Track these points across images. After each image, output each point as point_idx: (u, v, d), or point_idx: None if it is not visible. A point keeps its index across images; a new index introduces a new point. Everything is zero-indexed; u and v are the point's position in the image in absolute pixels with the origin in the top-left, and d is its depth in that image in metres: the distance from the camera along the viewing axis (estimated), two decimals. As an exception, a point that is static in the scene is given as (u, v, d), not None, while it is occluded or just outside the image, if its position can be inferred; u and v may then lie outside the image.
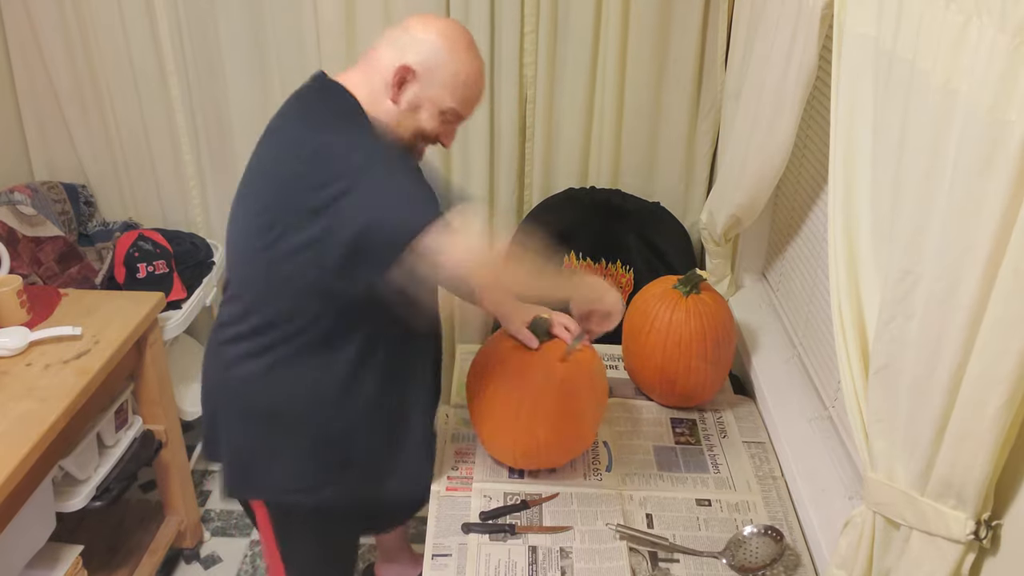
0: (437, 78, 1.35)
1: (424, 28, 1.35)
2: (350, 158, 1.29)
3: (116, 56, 2.35)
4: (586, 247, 2.32)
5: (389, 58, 1.35)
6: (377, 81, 1.37)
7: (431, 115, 1.38)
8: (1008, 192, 0.80)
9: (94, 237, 2.48)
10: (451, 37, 1.35)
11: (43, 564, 1.81)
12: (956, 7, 0.89)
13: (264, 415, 1.49)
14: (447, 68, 1.35)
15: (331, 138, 1.31)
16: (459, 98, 1.38)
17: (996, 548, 0.98)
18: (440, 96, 1.36)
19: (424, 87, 1.36)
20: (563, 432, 1.61)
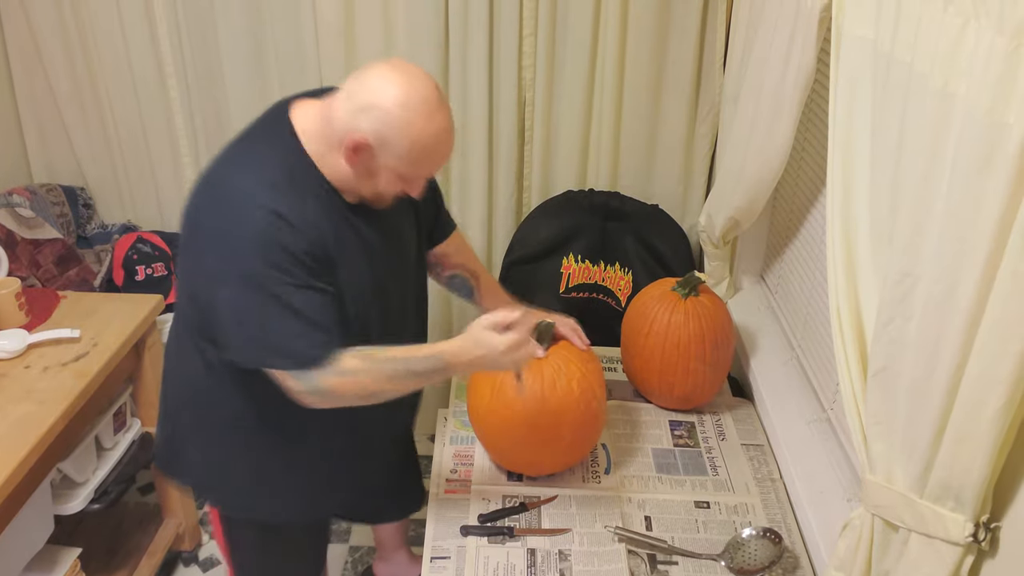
0: (393, 150, 1.25)
1: (381, 91, 1.22)
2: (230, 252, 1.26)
3: (115, 59, 2.35)
4: (584, 249, 2.32)
5: (344, 118, 1.25)
6: (331, 137, 1.28)
7: (389, 180, 1.31)
8: (1006, 194, 0.81)
9: (93, 239, 2.48)
10: (409, 105, 1.22)
11: (41, 567, 1.81)
12: (954, 9, 0.89)
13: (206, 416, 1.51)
14: (403, 140, 1.24)
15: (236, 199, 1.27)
16: (417, 165, 1.29)
17: (995, 550, 0.98)
18: (397, 165, 1.27)
19: (380, 157, 1.26)
20: (562, 441, 1.61)
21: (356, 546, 2.37)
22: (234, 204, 1.28)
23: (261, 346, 1.30)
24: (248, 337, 1.29)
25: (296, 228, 1.26)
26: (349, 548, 2.37)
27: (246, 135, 1.38)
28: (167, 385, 1.56)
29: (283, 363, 1.29)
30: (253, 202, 1.26)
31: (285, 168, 1.29)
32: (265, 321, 1.27)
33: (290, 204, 1.26)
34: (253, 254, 1.25)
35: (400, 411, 1.67)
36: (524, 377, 1.56)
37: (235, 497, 1.57)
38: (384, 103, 1.22)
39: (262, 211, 1.25)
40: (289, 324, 1.27)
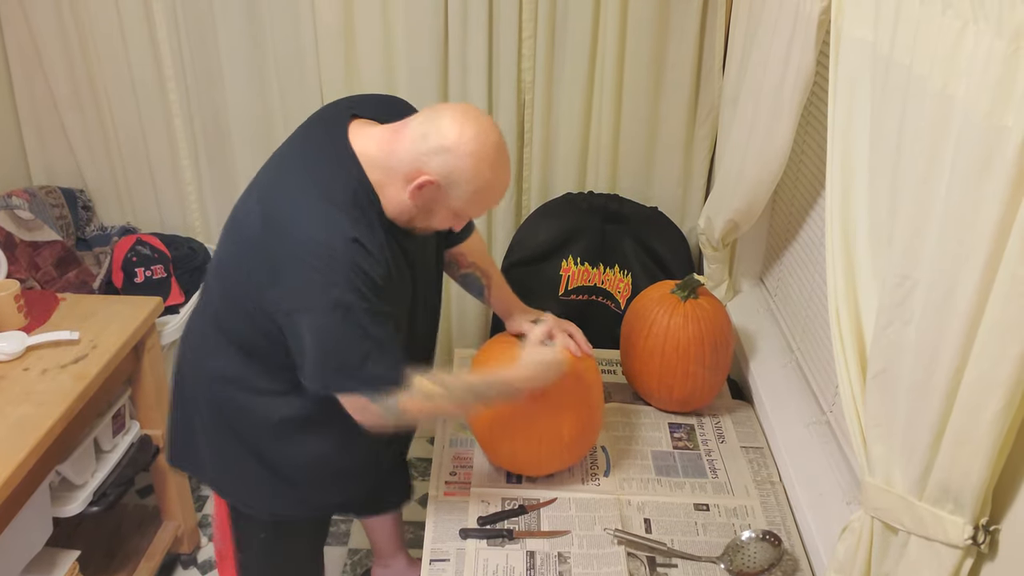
0: (457, 192, 1.31)
1: (457, 136, 1.27)
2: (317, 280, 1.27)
3: (114, 61, 2.35)
4: (584, 252, 2.32)
5: (413, 156, 1.29)
6: (396, 170, 1.31)
7: (444, 217, 1.37)
8: (1005, 196, 0.81)
9: (92, 242, 2.48)
10: (481, 152, 1.28)
11: (40, 569, 1.81)
12: (953, 12, 0.89)
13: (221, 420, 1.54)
14: (470, 184, 1.30)
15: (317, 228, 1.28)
16: (477, 206, 1.36)
17: (994, 553, 0.98)
18: (458, 205, 1.34)
19: (443, 197, 1.32)
20: (562, 440, 1.61)
21: (355, 548, 2.37)
22: (315, 229, 1.28)
23: (346, 374, 1.33)
24: (334, 364, 1.32)
25: (372, 255, 1.29)
26: (348, 551, 2.37)
27: (306, 150, 1.39)
28: (183, 380, 1.58)
29: (367, 389, 1.33)
30: (335, 228, 1.28)
31: (351, 192, 1.32)
32: (351, 349, 1.30)
33: (364, 231, 1.30)
34: (340, 282, 1.26)
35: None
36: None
37: (248, 493, 1.60)
38: (457, 149, 1.27)
39: (344, 238, 1.27)
40: (372, 351, 1.31)
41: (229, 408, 1.50)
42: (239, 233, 1.39)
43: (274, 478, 1.55)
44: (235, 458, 1.55)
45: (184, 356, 1.58)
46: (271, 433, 1.49)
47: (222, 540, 1.71)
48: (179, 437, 1.63)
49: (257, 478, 1.56)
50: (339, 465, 1.58)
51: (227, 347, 1.45)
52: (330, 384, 1.35)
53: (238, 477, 1.58)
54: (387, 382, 1.32)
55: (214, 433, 1.55)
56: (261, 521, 1.65)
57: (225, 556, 1.73)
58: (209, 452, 1.58)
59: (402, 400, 1.33)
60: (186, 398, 1.58)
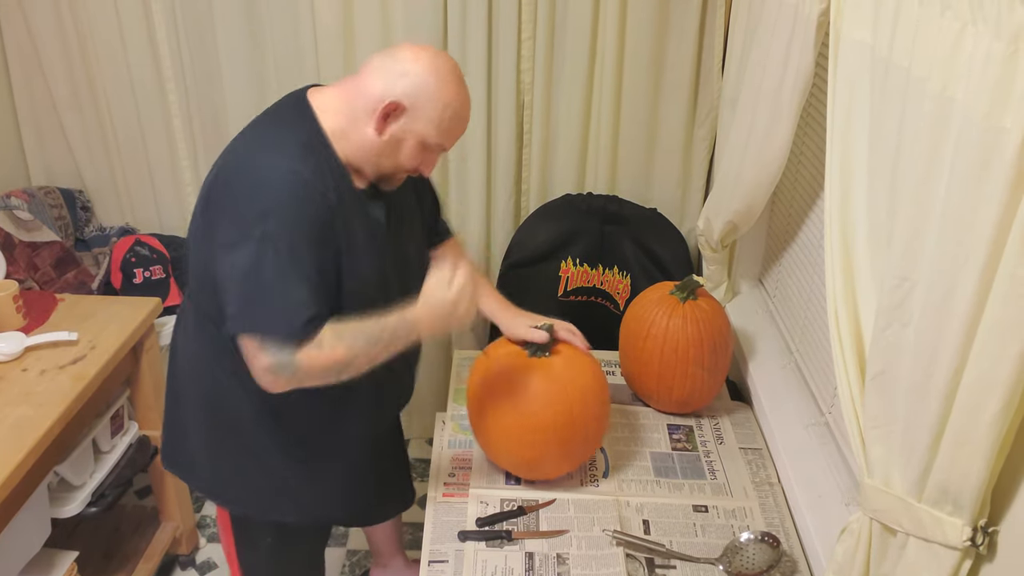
0: (424, 113, 1.31)
1: (414, 60, 1.31)
2: (252, 212, 1.27)
3: (113, 61, 2.35)
4: (583, 253, 2.32)
5: (376, 88, 1.31)
6: (360, 108, 1.33)
7: (413, 149, 1.35)
8: (1004, 198, 0.81)
9: (91, 242, 2.48)
10: (440, 71, 1.31)
11: (38, 570, 1.81)
12: (952, 14, 0.89)
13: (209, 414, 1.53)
14: (435, 103, 1.31)
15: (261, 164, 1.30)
16: (444, 132, 1.35)
17: (993, 554, 0.98)
18: (425, 130, 1.33)
19: (410, 121, 1.32)
20: (564, 445, 1.61)
21: (354, 550, 2.37)
22: (260, 171, 1.30)
23: (253, 307, 1.29)
24: (246, 297, 1.29)
25: (315, 191, 1.29)
26: (347, 552, 2.37)
27: (264, 116, 1.41)
28: (175, 385, 1.58)
29: (267, 329, 1.28)
30: (281, 167, 1.29)
31: (303, 139, 1.33)
32: (267, 282, 1.27)
33: (311, 171, 1.30)
34: (277, 214, 1.26)
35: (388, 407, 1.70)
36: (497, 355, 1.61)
37: (247, 498, 1.59)
38: (418, 70, 1.30)
39: (290, 174, 1.28)
40: (291, 291, 1.28)
41: (214, 397, 1.49)
42: (200, 195, 1.39)
43: (271, 482, 1.55)
44: (230, 459, 1.54)
45: (173, 349, 1.58)
46: (256, 421, 1.47)
47: (226, 544, 1.71)
48: (174, 440, 1.63)
49: (254, 483, 1.55)
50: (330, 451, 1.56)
51: (203, 326, 1.45)
52: (240, 318, 1.30)
53: (235, 483, 1.57)
54: (290, 324, 1.28)
55: (207, 432, 1.54)
56: (263, 527, 1.64)
57: (232, 559, 1.73)
58: (205, 455, 1.57)
59: (298, 353, 1.28)
60: (178, 394, 1.57)
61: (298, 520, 1.62)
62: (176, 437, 1.61)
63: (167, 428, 1.63)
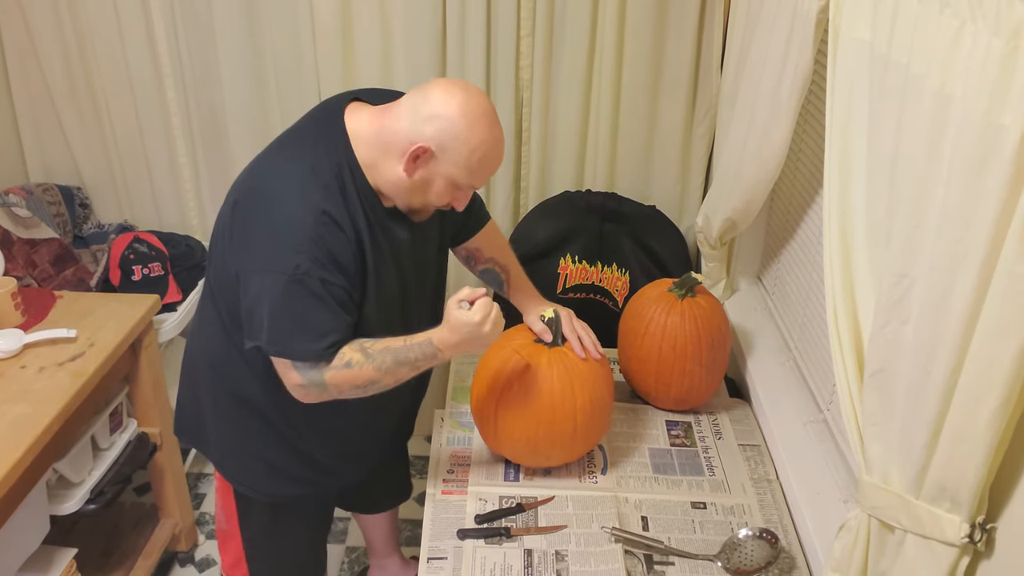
0: (452, 157, 1.32)
1: (445, 102, 1.30)
2: (280, 245, 1.32)
3: (112, 58, 2.34)
4: (582, 250, 2.32)
5: (407, 127, 1.32)
6: (391, 145, 1.34)
7: (443, 188, 1.37)
8: (1003, 196, 0.81)
9: (89, 239, 2.47)
10: (470, 114, 1.30)
11: (37, 567, 1.81)
12: (951, 12, 0.89)
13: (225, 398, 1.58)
14: (464, 146, 1.31)
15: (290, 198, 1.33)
16: (473, 173, 1.35)
17: (991, 551, 0.98)
18: (455, 173, 1.34)
19: (439, 164, 1.33)
20: (570, 431, 1.61)
21: (353, 547, 2.37)
22: (287, 199, 1.33)
23: (283, 335, 1.35)
24: (276, 324, 1.34)
25: (343, 232, 1.33)
26: (346, 549, 2.37)
27: (300, 130, 1.44)
28: (188, 360, 1.64)
29: (298, 355, 1.36)
30: (308, 200, 1.32)
31: (334, 167, 1.35)
32: (296, 313, 1.33)
33: (338, 207, 1.33)
34: (304, 250, 1.31)
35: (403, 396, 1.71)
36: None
37: (247, 473, 1.62)
38: (448, 113, 1.30)
39: (314, 211, 1.31)
40: (318, 320, 1.34)
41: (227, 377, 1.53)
42: (229, 200, 1.43)
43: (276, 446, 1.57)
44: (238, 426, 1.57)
45: (189, 342, 1.63)
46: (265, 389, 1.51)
47: (227, 519, 1.72)
48: (187, 411, 1.67)
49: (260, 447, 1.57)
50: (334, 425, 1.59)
51: (219, 312, 1.49)
52: (270, 342, 1.36)
53: (242, 450, 1.60)
54: (320, 350, 1.35)
55: (215, 407, 1.58)
56: (264, 503, 1.66)
57: (229, 535, 1.74)
58: (214, 425, 1.60)
59: (327, 372, 1.36)
60: (192, 370, 1.62)
61: (300, 490, 1.65)
62: (190, 410, 1.66)
63: (181, 401, 1.69)
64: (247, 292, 1.36)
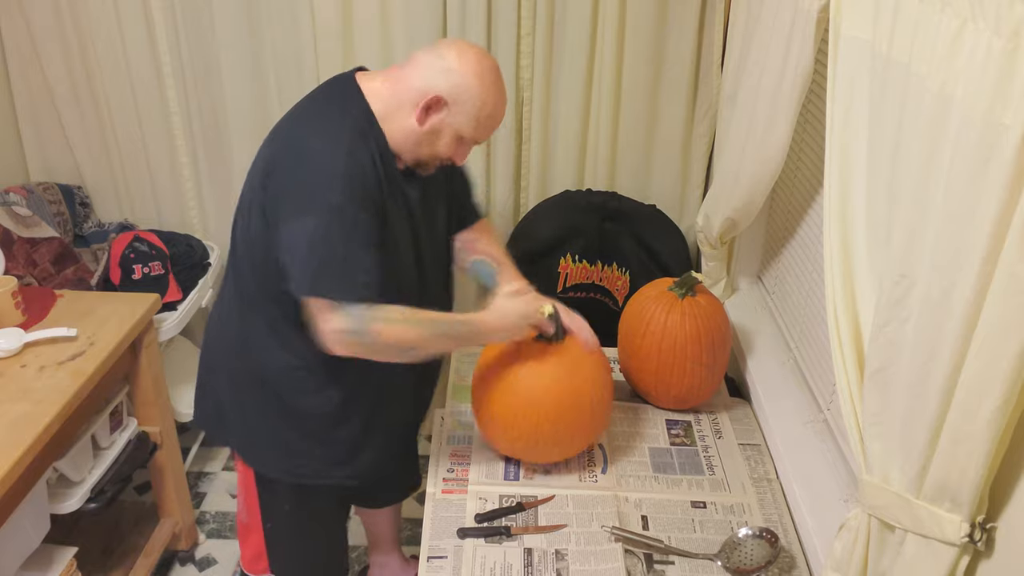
0: (463, 109, 1.40)
1: (459, 58, 1.39)
2: (315, 186, 1.36)
3: (112, 57, 2.34)
4: (582, 249, 2.32)
5: (420, 80, 1.40)
6: (404, 99, 1.41)
7: (449, 140, 1.44)
8: (1003, 195, 0.81)
9: (90, 238, 2.47)
10: (483, 71, 1.40)
11: (37, 566, 1.81)
12: (951, 11, 0.89)
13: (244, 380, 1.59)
14: (475, 100, 1.40)
15: (317, 146, 1.39)
16: (480, 127, 1.44)
17: (991, 551, 0.98)
18: (463, 125, 1.42)
19: (450, 115, 1.41)
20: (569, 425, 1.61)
21: (355, 545, 2.37)
22: (315, 149, 1.39)
23: (326, 271, 1.36)
24: (317, 261, 1.36)
25: (373, 173, 1.39)
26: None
27: (312, 102, 1.49)
28: (207, 349, 1.66)
29: (341, 292, 1.36)
30: (334, 148, 1.38)
31: (352, 119, 1.41)
32: (337, 248, 1.36)
33: (363, 152, 1.39)
34: (338, 188, 1.35)
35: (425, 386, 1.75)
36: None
37: (268, 453, 1.63)
38: (462, 68, 1.39)
39: (344, 154, 1.37)
40: (358, 256, 1.37)
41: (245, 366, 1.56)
42: (252, 170, 1.47)
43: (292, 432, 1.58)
44: (256, 411, 1.58)
45: (208, 331, 1.65)
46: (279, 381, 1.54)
47: (248, 512, 1.72)
48: (207, 400, 1.68)
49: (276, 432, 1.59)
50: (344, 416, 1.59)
51: (238, 296, 1.53)
52: (312, 282, 1.37)
53: (260, 435, 1.61)
54: (362, 293, 1.36)
55: (236, 391, 1.60)
56: (285, 490, 1.66)
57: (251, 528, 1.73)
58: (232, 411, 1.62)
59: (372, 319, 1.37)
60: (211, 361, 1.64)
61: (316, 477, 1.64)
62: (210, 399, 1.66)
63: (200, 390, 1.69)
64: (284, 240, 1.38)
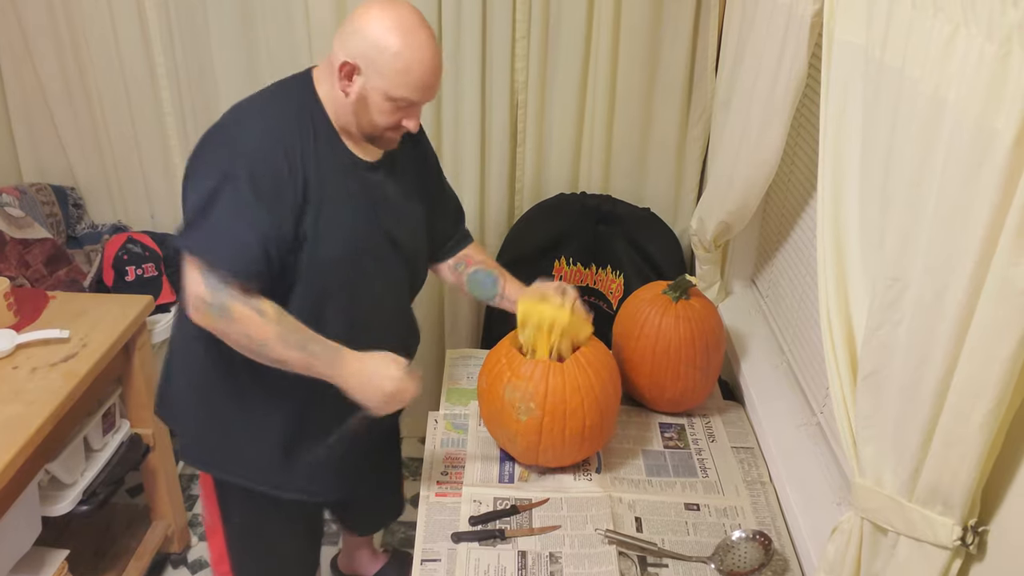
0: (377, 68, 1.33)
1: (364, 18, 1.33)
2: (220, 158, 1.35)
3: (106, 58, 2.34)
4: (576, 253, 2.32)
5: (337, 50, 1.36)
6: (329, 72, 1.39)
7: (381, 105, 1.37)
8: (995, 199, 0.81)
9: (83, 240, 2.47)
10: (391, 25, 1.32)
11: (28, 569, 1.80)
12: (944, 16, 0.90)
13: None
14: (385, 55, 1.32)
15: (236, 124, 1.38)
16: (404, 83, 1.35)
17: (983, 554, 0.98)
18: (384, 84, 1.34)
19: (367, 78, 1.35)
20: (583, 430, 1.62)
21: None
22: (237, 128, 1.38)
23: (207, 234, 1.33)
24: (203, 222, 1.33)
25: (297, 156, 1.36)
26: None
27: (264, 90, 1.47)
28: (170, 348, 1.64)
29: (214, 258, 1.32)
30: (257, 127, 1.37)
31: (295, 111, 1.40)
32: (223, 218, 1.32)
33: (292, 138, 1.37)
34: (245, 162, 1.32)
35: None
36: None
37: (215, 455, 1.60)
38: (366, 26, 1.33)
39: (265, 132, 1.36)
40: (244, 233, 1.32)
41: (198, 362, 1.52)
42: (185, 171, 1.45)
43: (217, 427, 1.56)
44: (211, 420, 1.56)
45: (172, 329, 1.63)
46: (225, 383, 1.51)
47: (209, 514, 1.71)
48: (166, 392, 1.65)
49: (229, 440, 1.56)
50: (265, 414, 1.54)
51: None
52: (192, 239, 1.34)
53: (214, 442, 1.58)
54: (237, 271, 1.32)
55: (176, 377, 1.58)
56: (241, 492, 1.62)
57: (214, 531, 1.73)
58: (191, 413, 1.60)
59: (236, 302, 1.32)
60: (173, 356, 1.61)
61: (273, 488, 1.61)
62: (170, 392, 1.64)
63: (163, 381, 1.66)
64: (184, 200, 1.36)
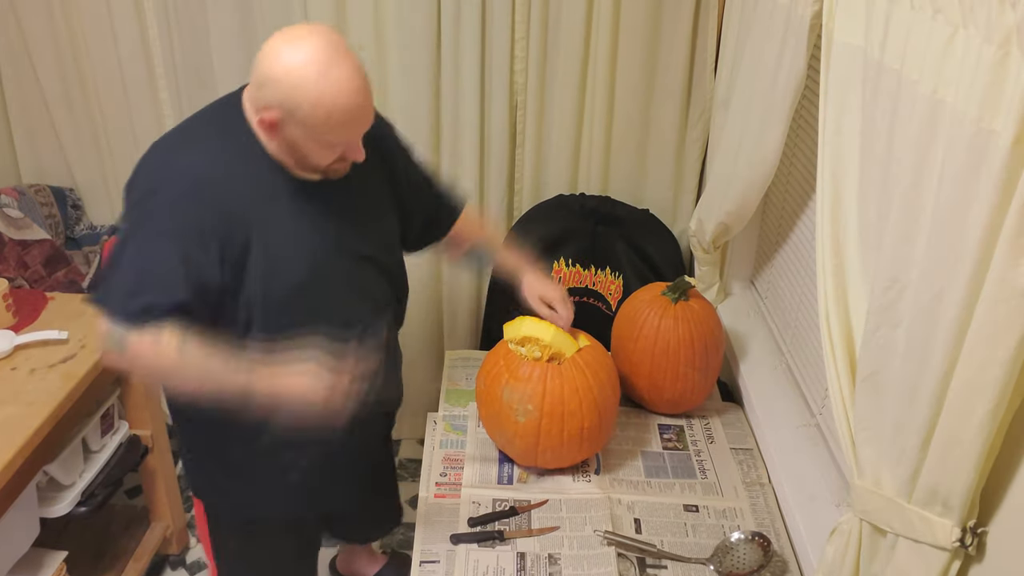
0: (299, 120, 1.21)
1: (273, 63, 1.20)
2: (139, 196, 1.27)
3: (105, 60, 2.34)
4: (575, 254, 2.32)
5: (251, 94, 1.27)
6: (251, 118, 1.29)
7: (315, 150, 1.27)
8: (994, 201, 0.81)
9: (81, 240, 2.46)
10: (302, 70, 1.18)
11: (27, 570, 1.80)
12: (943, 18, 0.90)
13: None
14: (306, 108, 1.19)
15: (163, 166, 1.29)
16: (333, 130, 1.23)
17: (981, 555, 0.98)
18: (311, 133, 1.23)
19: (291, 129, 1.23)
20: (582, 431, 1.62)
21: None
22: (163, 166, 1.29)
23: (106, 280, 1.29)
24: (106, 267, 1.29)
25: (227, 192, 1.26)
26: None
27: (193, 116, 1.37)
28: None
29: (107, 305, 1.25)
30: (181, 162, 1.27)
31: (226, 142, 1.29)
32: (124, 260, 1.26)
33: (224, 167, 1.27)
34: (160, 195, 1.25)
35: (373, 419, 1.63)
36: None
37: (212, 489, 1.59)
38: (275, 75, 1.20)
39: (189, 167, 1.26)
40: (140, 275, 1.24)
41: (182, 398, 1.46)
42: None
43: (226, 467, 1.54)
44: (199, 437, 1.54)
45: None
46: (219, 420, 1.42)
47: (203, 539, 1.71)
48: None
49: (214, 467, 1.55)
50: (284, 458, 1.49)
51: None
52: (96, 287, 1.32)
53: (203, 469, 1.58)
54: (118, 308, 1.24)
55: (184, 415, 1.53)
56: (232, 525, 1.63)
57: (209, 555, 1.73)
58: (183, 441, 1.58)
59: (131, 337, 1.22)
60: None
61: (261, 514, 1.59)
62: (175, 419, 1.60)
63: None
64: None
